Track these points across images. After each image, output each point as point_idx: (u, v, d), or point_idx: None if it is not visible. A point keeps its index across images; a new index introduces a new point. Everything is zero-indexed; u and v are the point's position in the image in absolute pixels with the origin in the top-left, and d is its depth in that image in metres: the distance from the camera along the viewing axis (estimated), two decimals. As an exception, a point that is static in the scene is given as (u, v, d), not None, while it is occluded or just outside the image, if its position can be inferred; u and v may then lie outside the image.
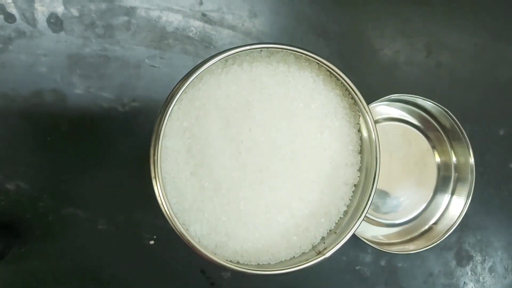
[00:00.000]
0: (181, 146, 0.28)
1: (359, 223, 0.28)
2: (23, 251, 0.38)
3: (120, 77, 0.39)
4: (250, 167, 0.28)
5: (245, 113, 0.28)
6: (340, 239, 0.28)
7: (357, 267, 0.44)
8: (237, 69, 0.28)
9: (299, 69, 0.29)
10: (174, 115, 0.28)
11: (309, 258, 0.27)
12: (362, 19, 0.44)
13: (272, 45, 0.27)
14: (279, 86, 0.28)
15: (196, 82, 0.28)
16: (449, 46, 0.46)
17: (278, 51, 0.28)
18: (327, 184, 0.29)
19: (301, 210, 0.29)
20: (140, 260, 0.40)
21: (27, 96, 0.38)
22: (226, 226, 0.28)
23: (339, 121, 0.30)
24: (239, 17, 0.42)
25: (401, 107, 0.43)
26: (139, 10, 0.40)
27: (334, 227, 0.30)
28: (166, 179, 0.28)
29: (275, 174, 0.28)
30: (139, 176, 0.39)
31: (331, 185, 0.29)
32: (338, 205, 0.30)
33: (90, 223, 0.39)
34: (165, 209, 0.26)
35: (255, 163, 0.28)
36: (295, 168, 0.28)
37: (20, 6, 0.38)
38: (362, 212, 0.28)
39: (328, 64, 0.28)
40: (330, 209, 0.30)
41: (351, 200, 0.30)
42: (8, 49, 0.38)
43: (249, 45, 0.26)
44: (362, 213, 0.28)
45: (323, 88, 0.29)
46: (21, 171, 0.38)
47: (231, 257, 0.28)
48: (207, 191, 0.28)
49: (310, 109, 0.29)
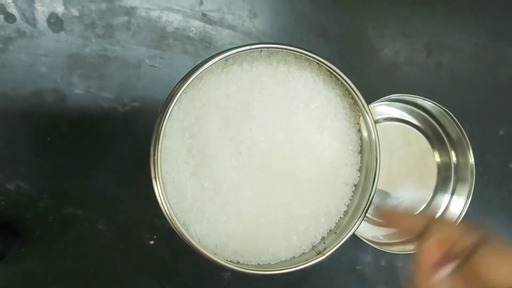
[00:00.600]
0: (181, 146, 0.28)
1: (359, 223, 0.28)
2: (23, 251, 0.38)
3: (120, 77, 0.39)
4: (250, 167, 0.28)
5: (245, 113, 0.28)
6: (340, 239, 0.28)
7: (357, 267, 0.44)
8: (237, 69, 0.28)
9: (299, 69, 0.29)
10: (174, 115, 0.28)
11: (309, 258, 0.28)
12: (362, 19, 0.44)
13: (272, 45, 0.27)
14: (279, 86, 0.28)
15: (196, 82, 0.28)
16: (449, 46, 0.46)
17: (278, 51, 0.28)
18: (327, 184, 0.29)
19: (301, 210, 0.29)
20: (140, 260, 0.40)
21: (27, 96, 0.38)
22: (226, 226, 0.28)
23: (339, 121, 0.30)
24: (239, 17, 0.42)
25: (401, 107, 0.43)
26: (139, 10, 0.40)
27: (334, 227, 0.30)
28: (166, 179, 0.28)
29: (275, 174, 0.28)
30: (139, 176, 0.39)
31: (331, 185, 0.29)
32: (338, 205, 0.30)
33: (90, 223, 0.39)
34: (165, 209, 0.26)
35: (255, 163, 0.28)
36: (295, 168, 0.28)
37: (20, 6, 0.38)
38: (362, 212, 0.28)
39: (328, 64, 0.28)
40: (330, 209, 0.30)
41: (351, 200, 0.30)
42: (8, 49, 0.38)
43: (249, 45, 0.26)
44: (362, 213, 0.28)
45: (323, 88, 0.29)
46: (21, 171, 0.38)
47: (231, 257, 0.28)
48: (207, 191, 0.28)
49: (310, 109, 0.29)
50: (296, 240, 0.29)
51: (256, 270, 0.27)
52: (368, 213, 0.41)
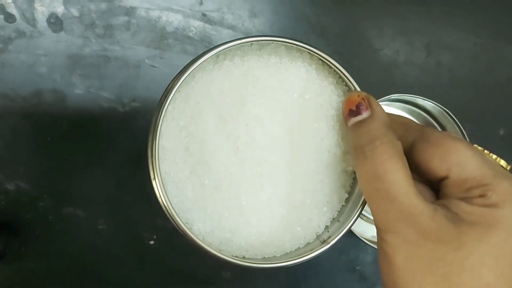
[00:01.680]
0: (178, 146, 0.28)
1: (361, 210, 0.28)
2: (23, 251, 0.38)
3: (120, 77, 0.39)
4: (249, 161, 0.28)
5: (240, 108, 0.28)
6: (344, 226, 0.28)
7: (357, 267, 0.44)
8: (228, 64, 0.28)
9: (291, 60, 0.29)
10: (169, 114, 0.28)
11: (314, 248, 0.28)
12: (361, 19, 0.44)
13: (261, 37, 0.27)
14: (272, 78, 0.28)
15: (189, 80, 0.28)
16: (449, 45, 0.46)
17: (268, 43, 0.28)
18: (327, 173, 0.29)
19: (303, 201, 0.29)
20: (140, 260, 0.40)
21: (27, 96, 0.38)
22: (229, 222, 0.28)
23: (335, 110, 0.29)
24: (239, 17, 0.42)
25: (401, 107, 0.43)
26: (139, 10, 0.40)
27: (337, 215, 0.30)
28: (166, 180, 0.28)
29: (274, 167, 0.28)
30: (139, 176, 0.39)
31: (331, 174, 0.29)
32: (340, 193, 0.30)
33: (90, 223, 0.39)
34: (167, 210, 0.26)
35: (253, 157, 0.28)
36: (294, 160, 0.28)
37: (20, 6, 0.38)
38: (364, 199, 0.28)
39: (318, 52, 0.28)
40: (332, 197, 0.29)
41: (351, 187, 0.30)
42: (8, 49, 0.38)
43: (239, 39, 0.26)
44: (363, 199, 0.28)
45: (316, 78, 0.29)
46: (21, 171, 0.38)
47: (236, 253, 0.28)
48: (207, 188, 0.28)
49: (305, 99, 0.29)
50: (300, 231, 0.29)
51: (263, 264, 0.27)
52: (368, 213, 0.41)
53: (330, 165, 0.29)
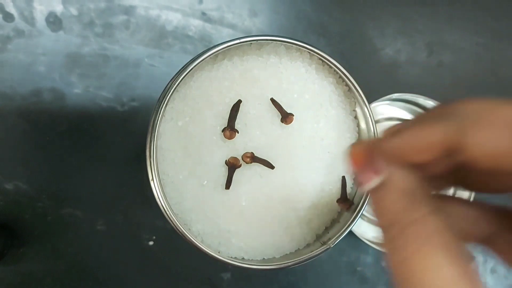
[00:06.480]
0: (177, 146, 0.28)
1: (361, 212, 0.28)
2: (21, 251, 0.38)
3: (119, 76, 0.39)
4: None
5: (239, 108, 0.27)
6: (344, 228, 0.28)
7: (358, 268, 0.44)
8: (227, 63, 0.28)
9: (291, 60, 0.29)
10: (168, 115, 0.28)
11: (314, 250, 0.27)
12: (363, 18, 0.44)
13: (260, 37, 0.26)
14: (272, 78, 0.28)
15: (188, 80, 0.28)
16: (450, 45, 0.46)
17: (268, 43, 0.28)
18: (327, 174, 0.29)
19: (302, 202, 0.29)
20: (139, 260, 0.40)
21: (25, 95, 0.38)
22: (229, 223, 0.28)
23: (335, 109, 0.29)
24: (239, 16, 0.42)
25: (402, 106, 0.43)
26: (138, 9, 0.40)
27: (337, 217, 0.30)
28: (165, 181, 0.28)
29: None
30: (139, 176, 0.39)
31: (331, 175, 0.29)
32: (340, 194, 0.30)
33: (89, 223, 0.39)
34: (165, 211, 0.25)
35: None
36: (294, 160, 0.28)
37: (19, 5, 0.38)
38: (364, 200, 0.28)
39: (317, 52, 0.27)
40: (332, 198, 0.29)
41: (352, 188, 0.30)
42: (6, 49, 0.38)
43: (238, 39, 0.26)
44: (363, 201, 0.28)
45: (316, 77, 0.29)
46: (20, 171, 0.38)
47: (236, 254, 0.28)
48: (206, 189, 0.27)
49: (305, 99, 0.28)
50: (299, 232, 0.29)
51: (262, 265, 0.27)
52: (368, 213, 0.40)
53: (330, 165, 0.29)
